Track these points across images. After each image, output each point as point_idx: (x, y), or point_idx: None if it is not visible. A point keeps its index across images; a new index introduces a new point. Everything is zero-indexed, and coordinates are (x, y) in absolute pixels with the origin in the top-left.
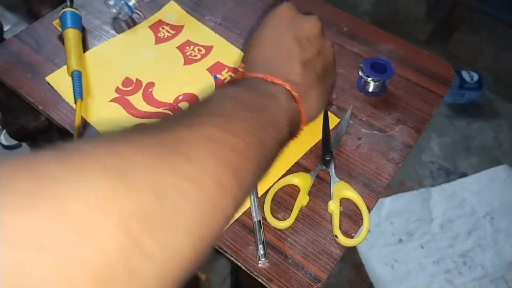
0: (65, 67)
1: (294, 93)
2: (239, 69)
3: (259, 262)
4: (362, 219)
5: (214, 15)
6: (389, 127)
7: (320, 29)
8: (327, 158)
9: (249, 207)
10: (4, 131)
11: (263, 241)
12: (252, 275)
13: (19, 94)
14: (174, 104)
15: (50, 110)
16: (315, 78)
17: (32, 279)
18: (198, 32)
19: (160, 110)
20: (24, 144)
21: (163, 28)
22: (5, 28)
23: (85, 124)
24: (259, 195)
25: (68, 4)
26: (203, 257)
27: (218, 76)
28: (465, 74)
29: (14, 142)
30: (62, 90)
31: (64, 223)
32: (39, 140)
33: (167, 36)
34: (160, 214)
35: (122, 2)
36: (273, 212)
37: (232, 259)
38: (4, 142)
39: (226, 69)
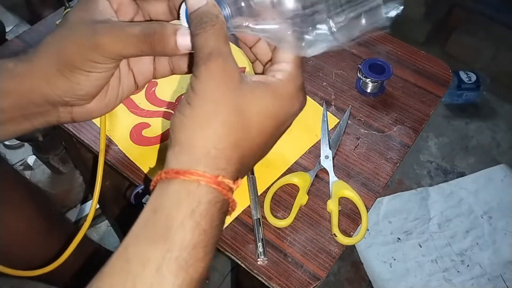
0: None
1: (232, 201)
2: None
3: (259, 260)
4: (360, 218)
5: None
6: (387, 127)
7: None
8: (326, 158)
9: (249, 206)
10: None
11: (262, 239)
12: (252, 273)
13: None
14: (177, 103)
15: None
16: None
17: None
18: None
19: (162, 109)
20: (26, 144)
21: None
22: (7, 29)
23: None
24: (259, 194)
25: (68, 5)
26: None
27: None
28: (463, 75)
29: (16, 142)
30: None
31: None
32: (41, 140)
33: None
34: None
35: None
36: (273, 211)
37: (232, 257)
38: (6, 142)
39: None
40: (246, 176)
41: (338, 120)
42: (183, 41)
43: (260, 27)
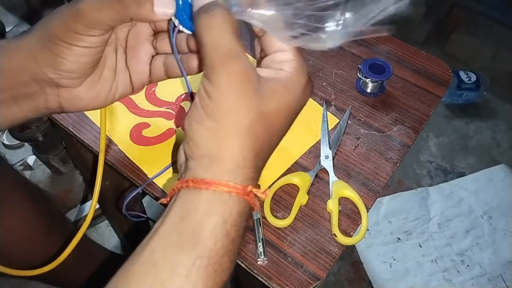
0: None
1: (255, 204)
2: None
3: (259, 260)
4: (360, 218)
5: None
6: (387, 127)
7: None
8: (326, 158)
9: None
10: (7, 131)
11: (262, 239)
12: (252, 273)
13: None
14: (177, 103)
15: None
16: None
17: None
18: None
19: (162, 109)
20: (26, 144)
21: None
22: (7, 29)
23: (84, 121)
24: None
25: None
26: None
27: None
28: (463, 75)
29: (16, 142)
30: None
31: None
32: (41, 140)
33: None
34: None
35: None
36: (273, 211)
37: None
38: (6, 142)
39: None
40: None
41: (338, 120)
42: (161, 6)
43: (266, 13)
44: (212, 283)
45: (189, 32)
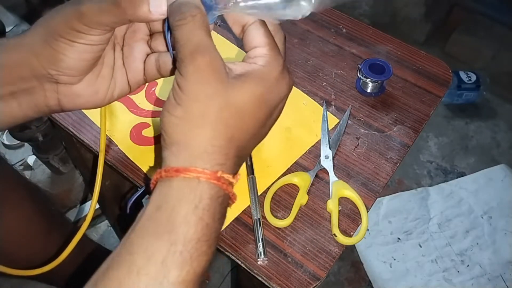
0: None
1: (232, 194)
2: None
3: (259, 260)
4: (360, 218)
5: None
6: (387, 127)
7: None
8: (326, 158)
9: (249, 206)
10: (7, 131)
11: (262, 239)
12: (252, 273)
13: None
14: None
15: None
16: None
17: None
18: None
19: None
20: (26, 144)
21: None
22: (7, 29)
23: (84, 121)
24: (259, 194)
25: None
26: None
27: None
28: (463, 75)
29: (16, 142)
30: None
31: None
32: (41, 140)
33: None
34: None
35: None
36: (273, 211)
37: (232, 257)
38: (6, 142)
39: None
40: (246, 176)
41: (338, 120)
42: (157, 6)
43: (247, 3)
44: (188, 268)
45: None
